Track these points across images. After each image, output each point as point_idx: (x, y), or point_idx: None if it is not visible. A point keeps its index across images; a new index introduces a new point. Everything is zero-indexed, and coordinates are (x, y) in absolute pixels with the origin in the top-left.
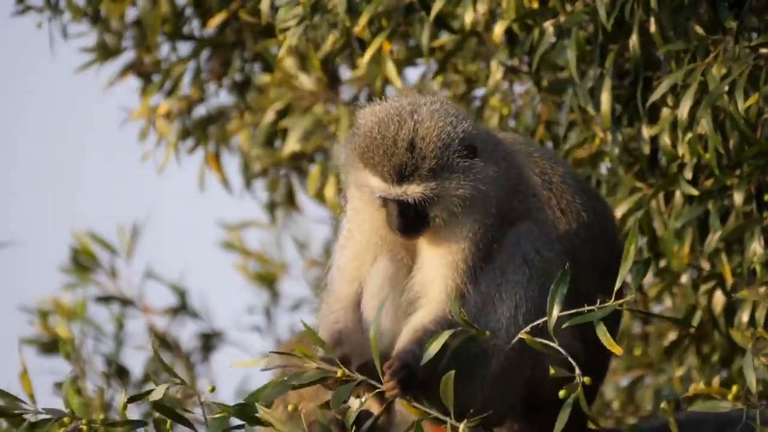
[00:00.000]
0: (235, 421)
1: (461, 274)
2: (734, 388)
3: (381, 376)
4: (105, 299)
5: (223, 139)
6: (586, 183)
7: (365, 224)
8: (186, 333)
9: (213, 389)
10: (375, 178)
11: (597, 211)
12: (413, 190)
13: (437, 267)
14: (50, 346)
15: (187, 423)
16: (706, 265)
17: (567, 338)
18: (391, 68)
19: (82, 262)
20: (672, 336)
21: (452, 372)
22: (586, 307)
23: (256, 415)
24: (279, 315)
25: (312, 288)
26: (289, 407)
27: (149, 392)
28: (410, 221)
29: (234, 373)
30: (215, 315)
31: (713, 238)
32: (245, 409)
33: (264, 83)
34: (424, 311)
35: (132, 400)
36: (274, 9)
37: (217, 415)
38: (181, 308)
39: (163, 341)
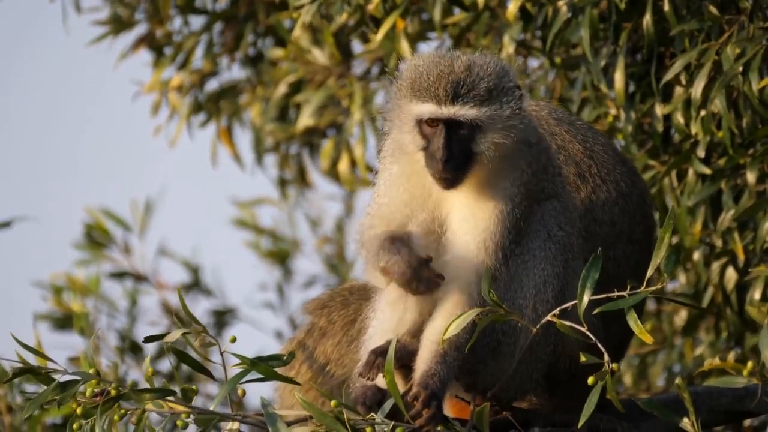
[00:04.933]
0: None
1: (492, 255)
2: (749, 364)
3: (405, 409)
4: (118, 275)
5: (235, 113)
6: (626, 156)
7: (396, 198)
8: (199, 309)
9: (234, 339)
10: (426, 104)
11: (636, 184)
12: (467, 111)
13: (468, 248)
14: (64, 321)
15: (205, 371)
16: (718, 242)
17: (587, 316)
18: (405, 45)
19: (95, 238)
20: (685, 314)
21: (487, 404)
22: (616, 293)
23: (276, 370)
24: (291, 292)
25: (324, 265)
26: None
27: (166, 334)
28: (455, 155)
29: (247, 348)
30: (228, 292)
31: (726, 217)
32: (265, 363)
33: (276, 57)
34: (450, 302)
35: (148, 340)
36: None
37: (236, 366)
38: (194, 285)
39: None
